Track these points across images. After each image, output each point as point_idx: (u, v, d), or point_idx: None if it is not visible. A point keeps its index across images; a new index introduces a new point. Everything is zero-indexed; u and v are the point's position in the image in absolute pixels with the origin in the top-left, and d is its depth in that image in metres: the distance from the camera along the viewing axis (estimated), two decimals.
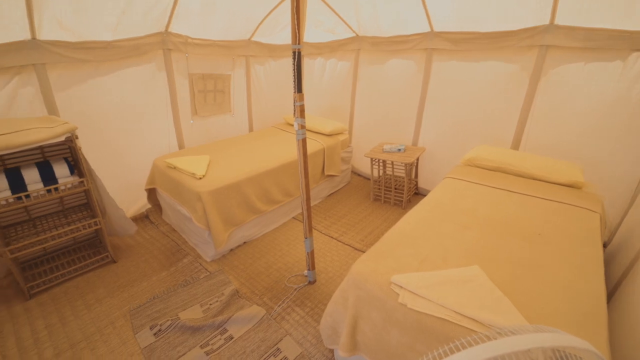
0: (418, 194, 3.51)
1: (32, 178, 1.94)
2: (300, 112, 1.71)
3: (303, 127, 1.74)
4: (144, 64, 2.67)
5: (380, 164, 3.40)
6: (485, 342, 0.59)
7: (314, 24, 3.55)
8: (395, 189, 3.32)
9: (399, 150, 3.17)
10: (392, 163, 3.19)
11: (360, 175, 4.05)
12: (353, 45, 3.63)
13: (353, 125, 3.96)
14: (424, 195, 2.30)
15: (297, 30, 1.56)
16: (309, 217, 1.96)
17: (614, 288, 1.74)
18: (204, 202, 2.23)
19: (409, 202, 3.30)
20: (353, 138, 3.96)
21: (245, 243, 2.65)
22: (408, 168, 3.05)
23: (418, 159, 3.32)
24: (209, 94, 3.23)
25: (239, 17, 3.00)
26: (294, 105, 1.71)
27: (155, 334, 1.78)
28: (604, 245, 2.30)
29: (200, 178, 2.36)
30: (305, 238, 2.01)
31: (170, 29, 2.67)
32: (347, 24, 3.46)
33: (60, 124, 1.90)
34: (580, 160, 2.37)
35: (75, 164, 2.18)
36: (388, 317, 1.28)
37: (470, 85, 2.87)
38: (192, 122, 3.17)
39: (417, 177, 3.46)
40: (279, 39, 3.60)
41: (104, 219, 2.28)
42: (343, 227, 2.89)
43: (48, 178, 1.99)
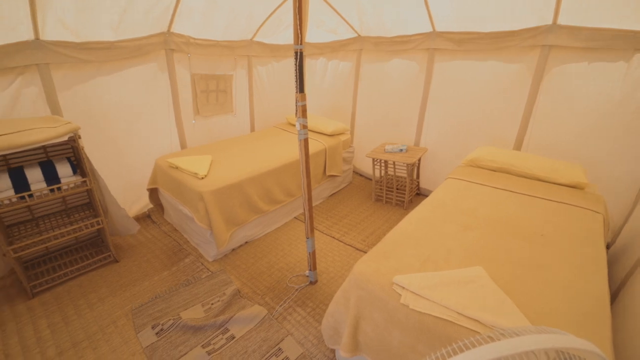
0: (420, 195, 3.50)
1: (35, 177, 1.95)
2: (302, 112, 1.71)
3: (305, 127, 1.74)
4: (147, 64, 2.68)
5: (382, 164, 3.39)
6: (489, 343, 0.59)
7: (316, 24, 3.56)
8: (397, 190, 3.31)
9: (401, 151, 3.16)
10: (393, 163, 3.18)
11: (362, 176, 4.05)
12: (355, 46, 3.63)
13: (355, 126, 3.95)
14: (426, 196, 2.29)
15: (299, 31, 1.56)
16: (311, 217, 1.96)
17: (618, 289, 1.73)
18: (206, 201, 2.23)
19: (411, 202, 3.30)
20: (355, 138, 3.96)
21: (247, 243, 2.65)
22: (410, 168, 3.04)
23: (420, 160, 3.32)
24: (211, 94, 3.24)
25: (241, 17, 3.01)
26: (296, 105, 1.71)
27: (157, 334, 1.78)
28: (607, 247, 2.29)
29: (202, 178, 2.36)
30: (307, 238, 2.01)
31: (173, 29, 2.67)
32: (349, 24, 3.46)
33: (63, 124, 1.91)
34: (583, 161, 2.35)
35: (78, 164, 2.18)
36: (390, 317, 1.27)
37: (473, 86, 2.86)
38: (194, 122, 3.18)
39: (418, 177, 3.46)
40: (281, 39, 3.60)
41: (106, 219, 2.29)
42: (345, 227, 2.88)
43: (51, 177, 2.00)
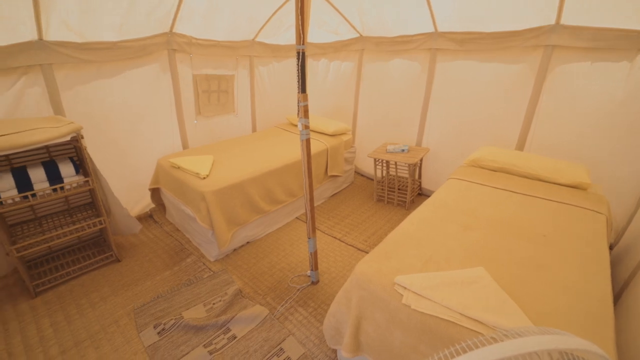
0: (422, 195, 3.50)
1: (38, 177, 1.95)
2: (304, 112, 1.71)
3: (307, 127, 1.74)
4: (149, 65, 2.68)
5: (384, 165, 3.39)
6: (492, 344, 0.59)
7: (317, 25, 3.56)
8: (399, 190, 3.31)
9: (403, 151, 3.16)
10: (395, 163, 3.18)
11: (364, 176, 4.04)
12: (357, 46, 3.63)
13: (356, 126, 3.95)
14: (428, 196, 2.29)
15: (301, 31, 1.56)
16: (313, 217, 1.96)
17: (621, 290, 1.72)
18: (208, 201, 2.24)
19: (413, 202, 3.29)
20: (356, 138, 3.96)
21: (249, 243, 2.65)
22: (412, 168, 3.04)
23: (422, 160, 3.31)
24: (213, 94, 3.25)
25: (243, 17, 3.01)
26: (298, 106, 1.71)
27: (159, 333, 1.79)
28: (610, 247, 2.27)
29: (204, 178, 2.37)
30: (309, 238, 2.01)
31: (175, 30, 2.68)
32: (351, 24, 3.46)
33: (66, 124, 1.91)
34: (586, 161, 2.34)
35: (81, 164, 2.19)
36: (392, 317, 1.27)
37: (475, 86, 2.85)
38: (195, 122, 3.18)
39: (420, 177, 3.45)
40: (283, 40, 3.60)
41: (109, 218, 2.29)
42: (346, 227, 2.88)
43: (54, 177, 2.01)
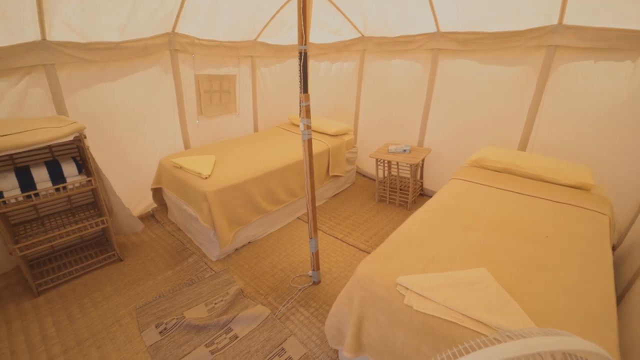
0: (423, 195, 3.49)
1: (41, 177, 1.96)
2: (306, 112, 1.71)
3: (309, 127, 1.74)
4: (151, 65, 2.69)
5: (386, 165, 3.38)
6: (495, 344, 0.59)
7: (319, 26, 3.55)
8: (401, 190, 3.30)
9: (405, 151, 3.15)
10: (397, 164, 3.18)
11: (365, 176, 4.04)
12: (358, 46, 3.62)
13: (358, 126, 3.95)
14: (430, 197, 2.28)
15: (303, 31, 1.56)
16: (314, 217, 1.96)
17: (624, 291, 1.72)
18: (210, 201, 2.24)
19: (414, 203, 3.28)
20: (358, 138, 3.96)
21: (250, 243, 2.65)
22: (413, 169, 3.03)
23: (423, 160, 3.30)
24: (215, 94, 3.25)
25: (245, 18, 3.02)
26: (300, 106, 1.71)
27: (161, 332, 1.79)
28: (613, 248, 2.26)
29: (206, 178, 2.37)
30: (310, 238, 2.01)
31: (177, 30, 2.69)
32: (353, 24, 3.45)
33: (69, 124, 1.92)
34: (589, 161, 2.33)
35: (83, 163, 2.20)
36: (393, 318, 1.27)
37: (477, 86, 2.84)
38: (197, 122, 3.19)
39: (422, 178, 3.45)
40: (285, 40, 3.61)
41: (111, 218, 2.30)
42: (348, 227, 2.88)
43: (57, 177, 2.01)
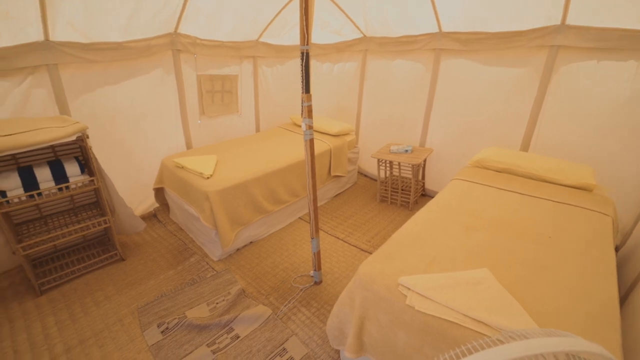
0: (425, 196, 3.48)
1: (44, 176, 1.97)
2: (308, 112, 1.71)
3: (311, 127, 1.74)
4: (154, 65, 2.70)
5: (387, 165, 3.38)
6: (498, 345, 0.58)
7: (320, 26, 3.55)
8: (402, 190, 3.30)
9: (406, 151, 3.15)
10: (399, 164, 3.17)
11: (367, 176, 4.04)
12: (360, 46, 3.62)
13: (360, 126, 3.95)
14: (431, 197, 2.28)
15: (305, 31, 1.56)
16: (316, 217, 1.96)
17: (627, 292, 1.71)
18: (212, 201, 2.25)
19: (416, 203, 3.28)
20: (360, 139, 3.95)
21: (252, 243, 2.66)
22: (415, 169, 3.03)
23: (425, 160, 3.30)
24: (217, 95, 3.26)
25: (247, 18, 3.02)
26: (302, 106, 1.71)
27: (163, 332, 1.80)
28: (617, 249, 2.25)
29: (208, 178, 2.37)
30: (312, 238, 2.01)
31: (179, 30, 2.69)
32: (355, 24, 3.45)
33: (72, 124, 1.93)
34: (592, 162, 2.32)
35: (86, 163, 2.21)
36: (395, 318, 1.27)
37: (479, 86, 2.84)
38: (199, 122, 3.19)
39: (424, 178, 3.44)
40: (286, 40, 3.61)
41: (113, 218, 2.31)
42: (349, 228, 2.88)
43: (59, 176, 2.02)
